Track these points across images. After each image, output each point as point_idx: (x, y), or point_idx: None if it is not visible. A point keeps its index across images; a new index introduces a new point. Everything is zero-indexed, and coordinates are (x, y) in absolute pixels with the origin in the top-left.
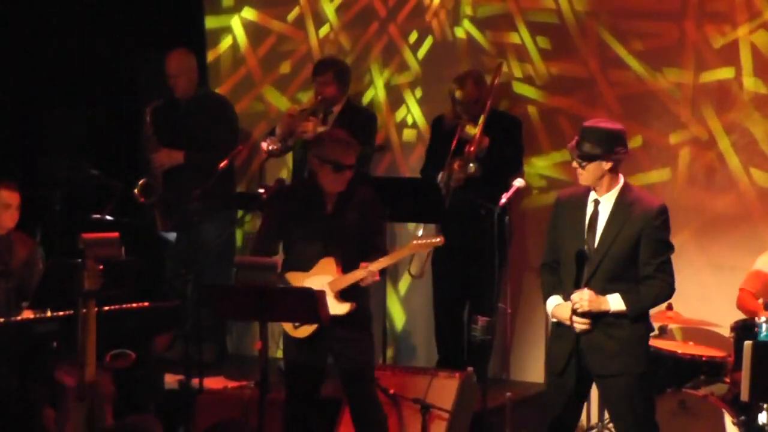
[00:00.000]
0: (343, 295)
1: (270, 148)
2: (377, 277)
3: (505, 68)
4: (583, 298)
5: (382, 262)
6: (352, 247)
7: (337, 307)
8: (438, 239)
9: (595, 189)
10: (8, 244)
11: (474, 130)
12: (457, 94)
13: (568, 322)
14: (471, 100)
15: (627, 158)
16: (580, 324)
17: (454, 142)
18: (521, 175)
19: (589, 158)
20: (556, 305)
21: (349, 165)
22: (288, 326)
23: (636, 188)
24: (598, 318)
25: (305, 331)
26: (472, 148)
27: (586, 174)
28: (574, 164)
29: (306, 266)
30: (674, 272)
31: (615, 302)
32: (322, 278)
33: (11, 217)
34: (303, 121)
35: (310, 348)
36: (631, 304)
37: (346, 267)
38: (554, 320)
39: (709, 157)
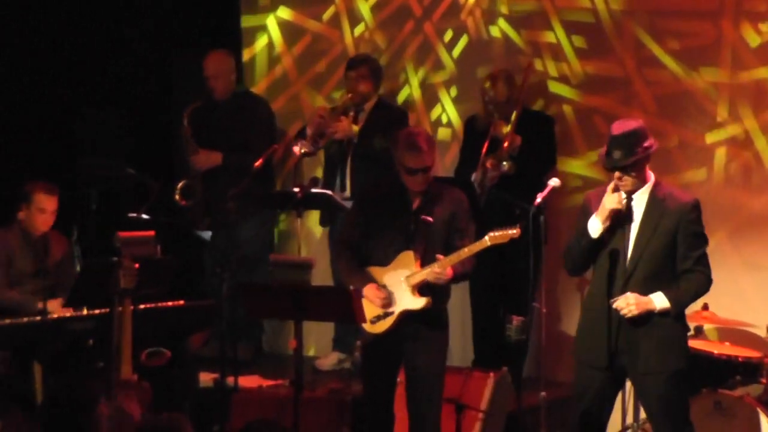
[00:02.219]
0: (422, 291)
1: (302, 150)
2: (447, 275)
3: (540, 67)
4: (630, 302)
5: (453, 258)
6: (434, 245)
7: (413, 302)
8: (514, 231)
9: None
10: (44, 243)
11: (506, 129)
12: (489, 93)
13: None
14: (502, 99)
15: (663, 158)
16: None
17: (487, 141)
18: (556, 174)
19: (631, 165)
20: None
21: (420, 168)
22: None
23: (666, 184)
24: (641, 319)
25: (381, 326)
26: (505, 146)
27: (630, 179)
28: (617, 176)
29: (386, 261)
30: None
31: (659, 301)
32: (400, 272)
33: (45, 221)
34: (334, 121)
35: (384, 344)
36: (674, 301)
37: (427, 264)
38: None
39: (746, 157)
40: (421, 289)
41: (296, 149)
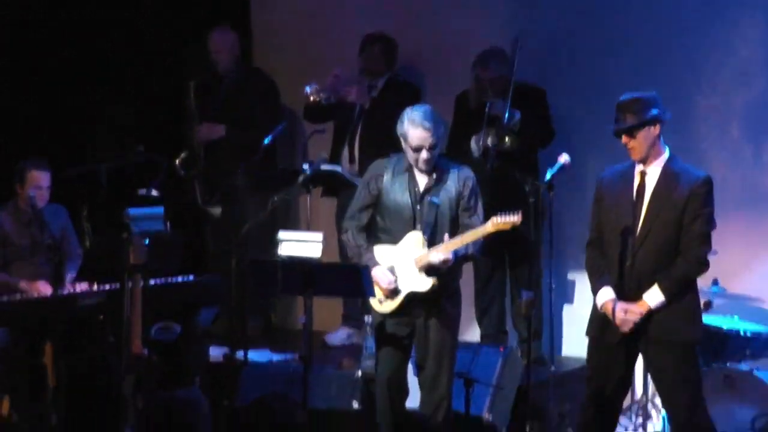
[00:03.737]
0: (429, 273)
1: (312, 97)
2: (448, 259)
3: None
4: (626, 319)
5: (456, 242)
6: (443, 226)
7: (420, 284)
8: (516, 217)
9: (641, 161)
10: (40, 219)
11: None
12: (481, 73)
13: (614, 321)
14: (495, 77)
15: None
16: (626, 325)
17: (485, 119)
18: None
19: (637, 127)
20: (605, 301)
21: (423, 146)
22: (373, 301)
23: (681, 160)
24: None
25: (389, 306)
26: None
27: (638, 145)
28: (624, 141)
29: (394, 240)
30: (713, 246)
31: (653, 298)
32: (408, 253)
33: (41, 197)
34: (347, 84)
35: (397, 321)
36: (667, 291)
37: (435, 245)
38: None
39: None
40: (428, 270)
41: (308, 90)
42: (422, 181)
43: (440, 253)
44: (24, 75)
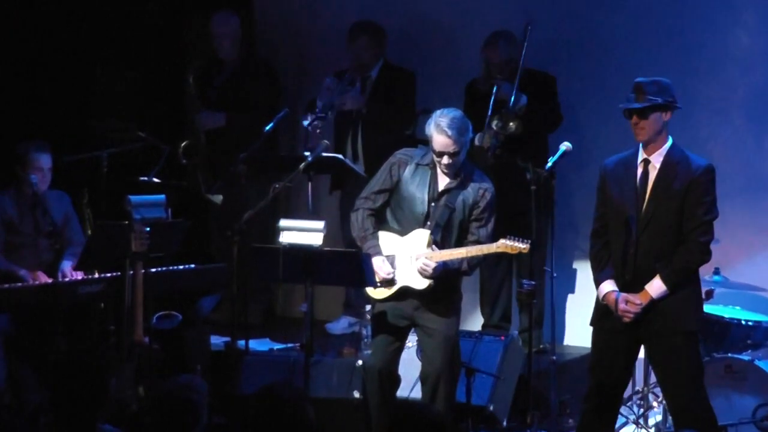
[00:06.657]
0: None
1: (312, 125)
2: (429, 268)
3: None
4: (628, 310)
5: (460, 252)
6: (452, 228)
7: (416, 281)
8: (525, 245)
9: (645, 149)
10: (44, 204)
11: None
12: (489, 55)
13: (615, 312)
14: (503, 60)
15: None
16: (627, 316)
17: (491, 103)
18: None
19: (652, 109)
20: (607, 292)
21: (447, 153)
22: (368, 288)
23: (683, 148)
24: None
25: (381, 293)
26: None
27: (647, 127)
28: (633, 121)
29: (402, 230)
30: (715, 235)
31: (655, 288)
32: (412, 248)
33: (43, 180)
34: (342, 93)
35: (394, 315)
36: (669, 281)
37: (442, 246)
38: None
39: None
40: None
41: (306, 123)
42: (443, 181)
43: (425, 260)
44: (24, 60)
